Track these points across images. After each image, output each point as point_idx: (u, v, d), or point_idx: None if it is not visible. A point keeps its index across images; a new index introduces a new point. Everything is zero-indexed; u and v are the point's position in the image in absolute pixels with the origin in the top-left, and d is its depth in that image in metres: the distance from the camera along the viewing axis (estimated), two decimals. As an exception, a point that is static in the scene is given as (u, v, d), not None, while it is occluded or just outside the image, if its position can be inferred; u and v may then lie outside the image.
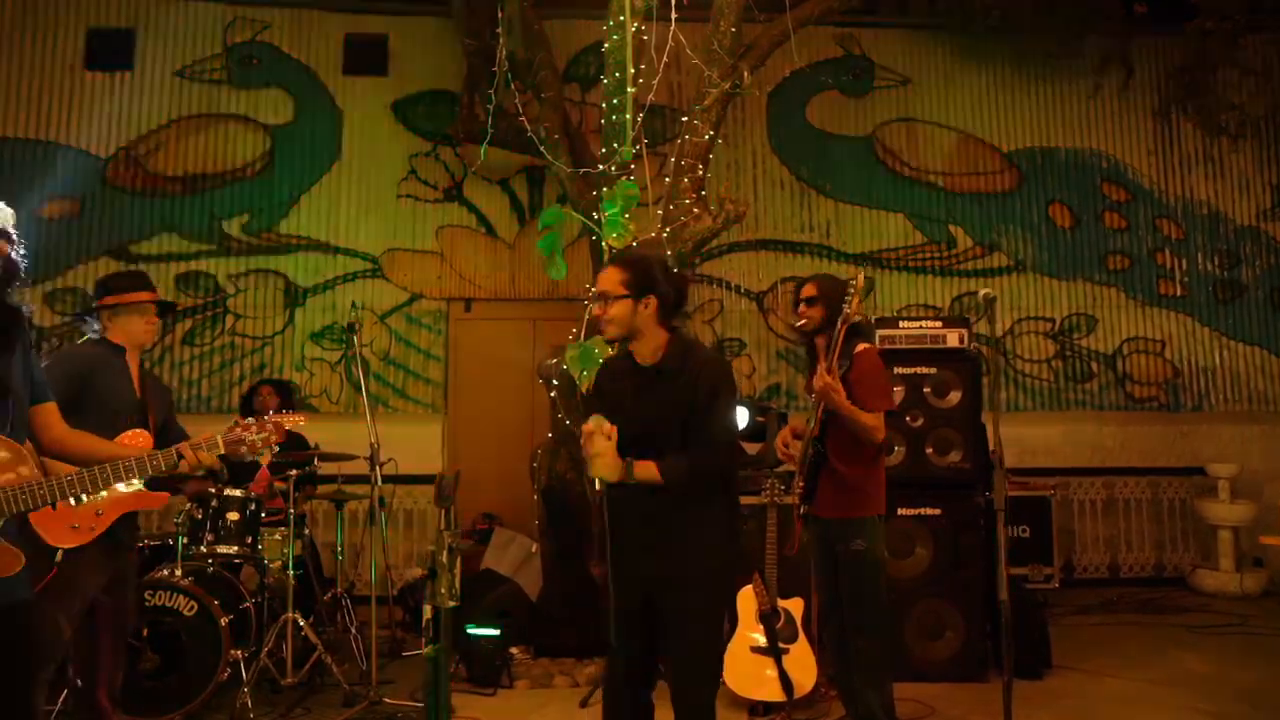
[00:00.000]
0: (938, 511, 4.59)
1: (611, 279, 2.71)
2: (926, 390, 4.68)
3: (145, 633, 3.93)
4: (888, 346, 4.67)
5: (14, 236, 2.13)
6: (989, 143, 7.45)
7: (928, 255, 7.30)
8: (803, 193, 7.30)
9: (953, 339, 4.69)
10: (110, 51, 6.83)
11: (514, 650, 4.99)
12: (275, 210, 6.87)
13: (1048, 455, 6.96)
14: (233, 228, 6.83)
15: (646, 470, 2.59)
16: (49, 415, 2.28)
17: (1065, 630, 5.47)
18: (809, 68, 7.21)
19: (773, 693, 4.04)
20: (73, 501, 2.13)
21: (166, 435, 3.51)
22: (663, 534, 2.67)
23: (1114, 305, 7.39)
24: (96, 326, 3.39)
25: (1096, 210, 7.47)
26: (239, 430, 2.40)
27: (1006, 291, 7.30)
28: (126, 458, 2.26)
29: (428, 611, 2.03)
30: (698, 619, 2.66)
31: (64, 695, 3.74)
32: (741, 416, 5.26)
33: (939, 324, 4.76)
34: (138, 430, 3.27)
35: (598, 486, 2.60)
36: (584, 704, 4.29)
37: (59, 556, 2.99)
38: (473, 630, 4.64)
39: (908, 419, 4.64)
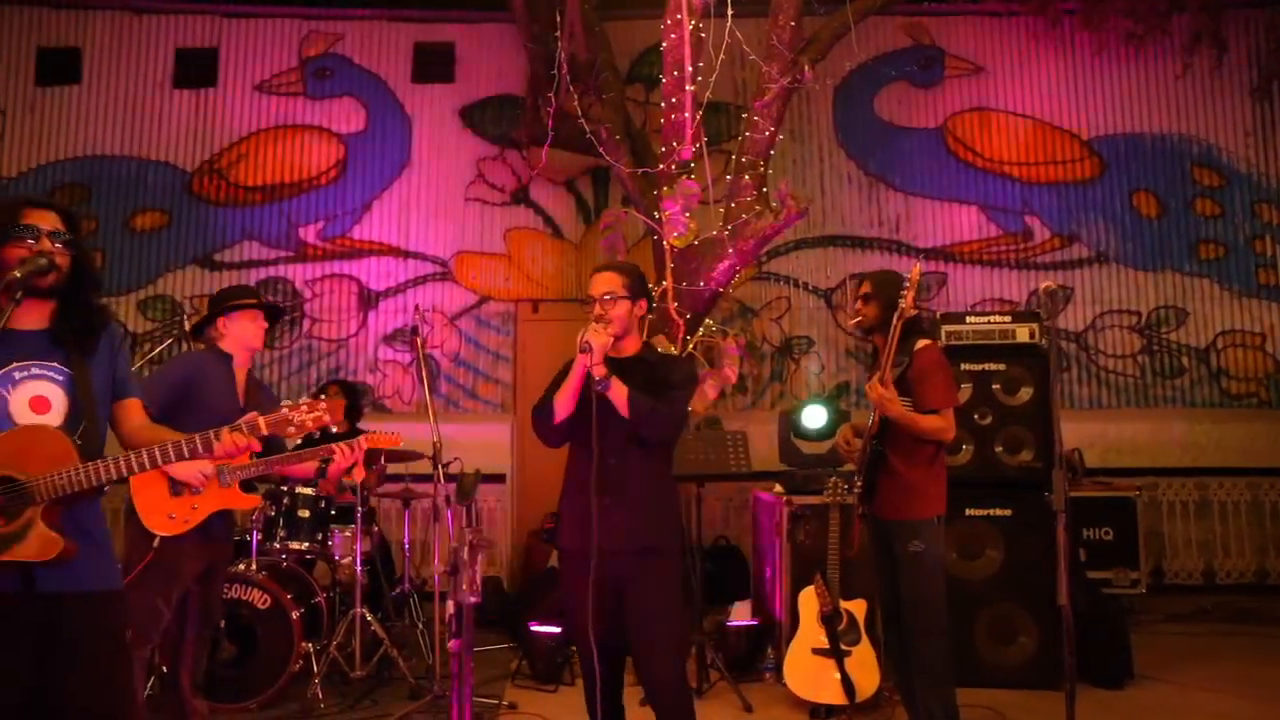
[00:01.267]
0: (1008, 512, 4.44)
1: (614, 281, 2.90)
2: (995, 387, 4.53)
3: (223, 624, 4.10)
4: (954, 343, 4.54)
5: (75, 239, 2.20)
6: (1068, 130, 7.17)
7: (1003, 248, 7.07)
8: (871, 187, 7.15)
9: (1023, 334, 4.52)
10: (196, 70, 7.16)
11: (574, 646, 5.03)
12: (349, 216, 7.09)
13: (1133, 454, 6.66)
14: (309, 234, 7.07)
15: (620, 388, 2.76)
16: (128, 410, 2.36)
17: (1152, 639, 5.23)
18: (875, 59, 7.07)
19: (834, 695, 3.97)
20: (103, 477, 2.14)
21: (268, 442, 3.67)
22: (627, 506, 2.78)
23: (1207, 297, 7.02)
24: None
25: (1186, 197, 7.10)
26: (286, 410, 2.38)
27: (1088, 284, 7.02)
28: (164, 442, 2.29)
29: (450, 607, 2.05)
30: (668, 599, 2.81)
31: (151, 680, 3.92)
32: (817, 416, 5.20)
33: (1008, 319, 4.60)
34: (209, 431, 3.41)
35: (584, 344, 2.71)
36: (644, 703, 4.29)
37: (155, 542, 3.19)
38: (535, 627, 4.69)
39: (975, 417, 4.50)
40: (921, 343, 3.53)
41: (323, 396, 2.39)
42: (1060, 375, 6.88)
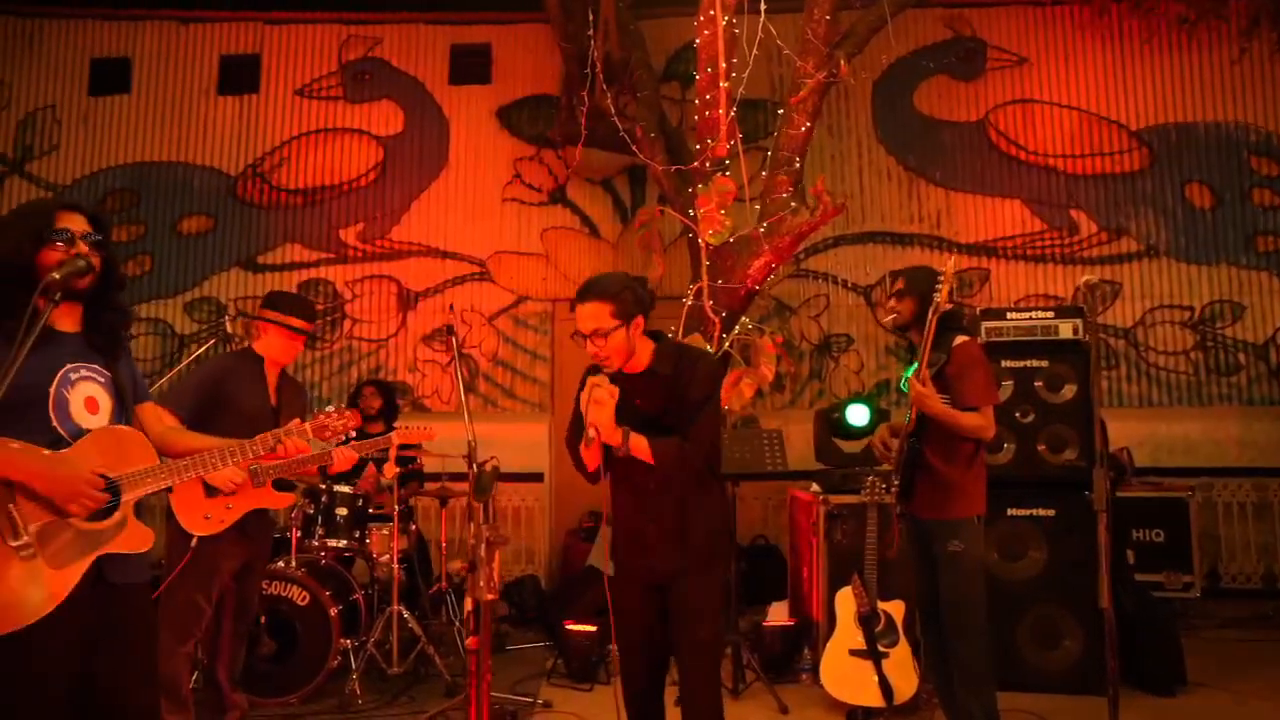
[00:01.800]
0: (1051, 512, 4.33)
1: (600, 314, 2.60)
2: (1038, 384, 4.42)
3: (263, 620, 4.16)
4: (995, 339, 4.44)
5: (104, 241, 2.24)
6: (1114, 120, 6.97)
7: (1047, 243, 6.90)
8: (911, 182, 7.04)
9: (1066, 330, 4.40)
10: (239, 77, 7.31)
11: (613, 646, 5.01)
12: (388, 218, 7.17)
13: (1186, 454, 6.45)
14: (349, 236, 7.16)
15: (640, 442, 2.60)
16: (148, 414, 2.42)
17: (1207, 644, 5.05)
18: (914, 53, 6.96)
19: (872, 698, 3.91)
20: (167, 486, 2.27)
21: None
22: (664, 527, 2.70)
23: (1265, 291, 6.77)
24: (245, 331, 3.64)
25: (1243, 188, 6.86)
26: (322, 417, 2.54)
27: (1137, 279, 6.82)
28: (231, 444, 2.41)
29: (469, 604, 2.05)
30: (707, 607, 2.70)
31: (196, 675, 4.00)
32: (862, 414, 5.13)
33: (1050, 314, 4.48)
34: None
35: (590, 435, 2.58)
36: (679, 702, 4.26)
37: (194, 542, 3.26)
38: (571, 626, 4.69)
39: (1017, 414, 4.40)
40: (960, 339, 3.46)
41: (356, 407, 2.55)
42: (1105, 372, 6.69)
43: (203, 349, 6.20)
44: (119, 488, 2.14)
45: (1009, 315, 4.52)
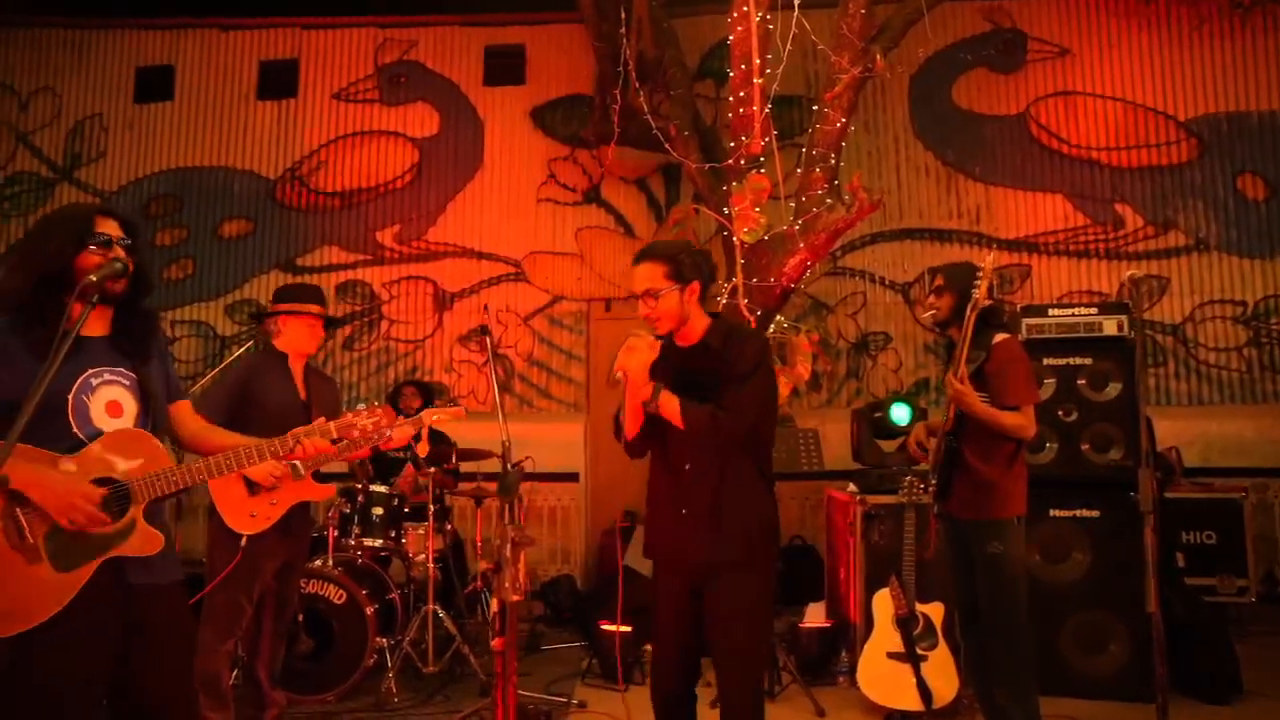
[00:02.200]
0: (1096, 513, 4.21)
1: (654, 274, 2.62)
2: (1081, 382, 4.31)
3: (301, 618, 4.20)
4: (1035, 336, 4.33)
5: (137, 245, 2.27)
6: (1161, 111, 6.79)
7: (1091, 237, 6.74)
8: (949, 177, 6.92)
9: (1110, 326, 4.28)
10: (278, 81, 7.42)
11: (650, 647, 4.99)
12: (424, 219, 7.22)
13: (1240, 453, 6.25)
14: (385, 238, 7.23)
15: (671, 401, 2.55)
16: (183, 413, 2.44)
17: (1264, 652, 4.85)
18: (952, 46, 6.86)
19: (911, 701, 3.83)
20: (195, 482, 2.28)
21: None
22: (697, 513, 2.63)
23: (1323, 285, 6.56)
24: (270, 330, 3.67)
25: (1298, 178, 6.65)
26: (349, 416, 2.51)
27: (1186, 274, 6.62)
28: (247, 445, 2.39)
29: (494, 605, 2.04)
30: (744, 609, 2.61)
31: (235, 672, 4.05)
32: (904, 413, 5.05)
33: (1094, 310, 4.36)
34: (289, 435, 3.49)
35: (615, 377, 2.55)
36: (715, 704, 4.22)
37: (243, 542, 3.29)
38: (606, 626, 4.67)
39: (1060, 413, 4.29)
40: (999, 336, 3.38)
41: (396, 406, 2.53)
42: (1151, 369, 6.51)
43: (241, 350, 6.29)
44: (128, 490, 2.15)
45: (1050, 312, 4.41)
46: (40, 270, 2.12)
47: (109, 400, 2.19)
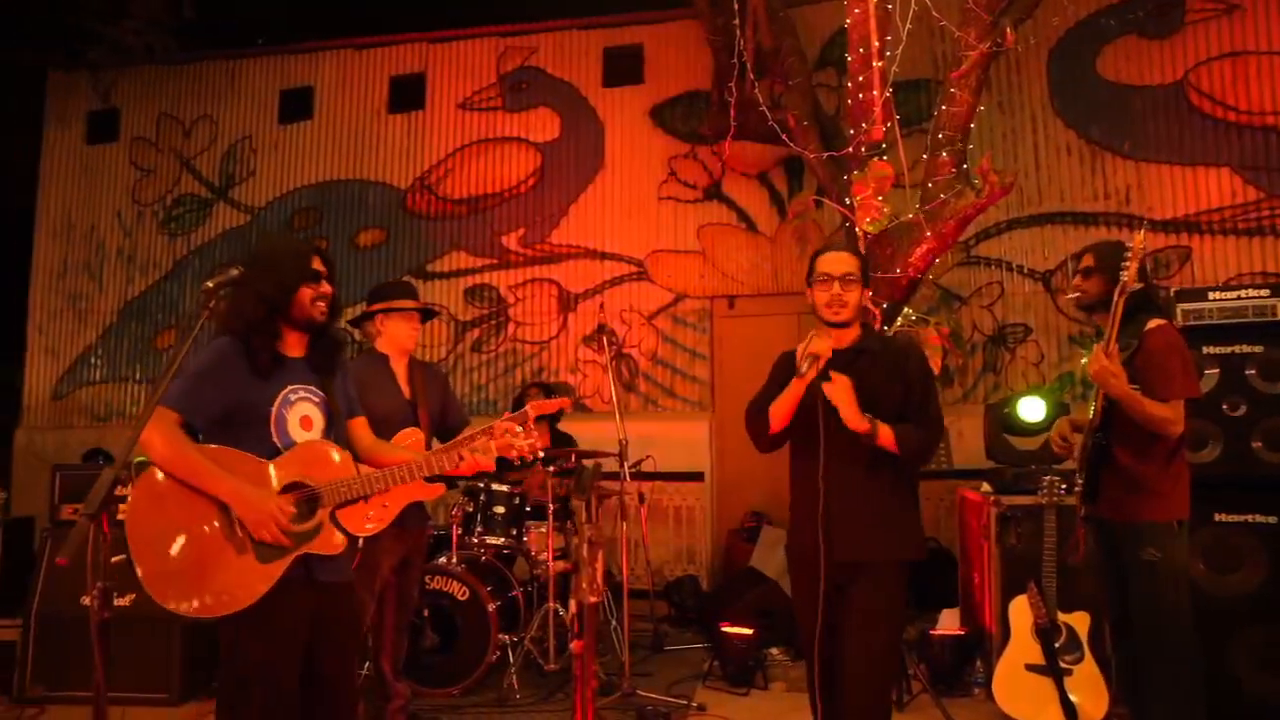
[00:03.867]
0: (1272, 519, 3.78)
1: (852, 264, 2.74)
2: (1250, 372, 3.88)
3: (426, 613, 4.32)
4: (1194, 323, 3.94)
5: (330, 277, 2.58)
6: (1350, 67, 6.07)
7: (1264, 214, 6.09)
8: (1094, 156, 6.42)
9: (1285, 310, 3.84)
10: (407, 95, 7.72)
11: (773, 651, 4.88)
12: (547, 222, 7.33)
13: None
14: (511, 241, 7.38)
15: (887, 431, 2.60)
16: (360, 429, 2.73)
17: None
18: (1095, 13, 6.36)
19: (1053, 718, 3.56)
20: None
21: (445, 420, 3.85)
22: (846, 504, 2.63)
23: None
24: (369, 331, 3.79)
25: None
26: (508, 437, 2.70)
27: (1380, 250, 5.90)
28: (412, 463, 2.65)
29: (573, 606, 1.99)
30: (884, 611, 2.62)
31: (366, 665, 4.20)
32: (1036, 408, 4.74)
33: (1265, 292, 3.92)
34: (409, 430, 3.60)
35: (804, 369, 2.58)
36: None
37: (360, 543, 3.42)
38: (727, 629, 4.58)
39: (1224, 407, 3.87)
40: (1154, 322, 3.10)
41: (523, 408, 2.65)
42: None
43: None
44: (319, 496, 2.44)
45: (1210, 295, 4.00)
46: (272, 300, 2.43)
47: (303, 415, 2.50)
